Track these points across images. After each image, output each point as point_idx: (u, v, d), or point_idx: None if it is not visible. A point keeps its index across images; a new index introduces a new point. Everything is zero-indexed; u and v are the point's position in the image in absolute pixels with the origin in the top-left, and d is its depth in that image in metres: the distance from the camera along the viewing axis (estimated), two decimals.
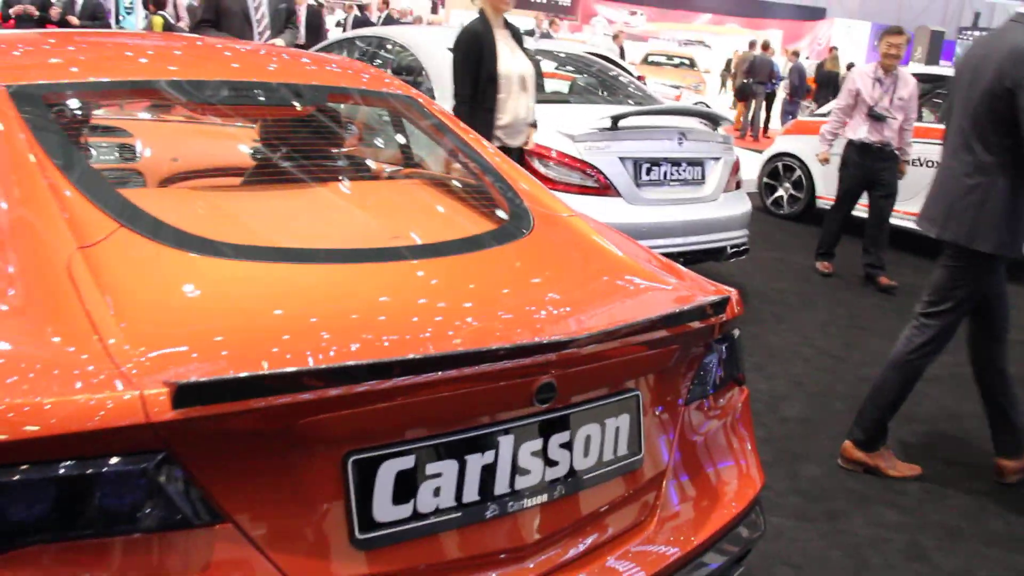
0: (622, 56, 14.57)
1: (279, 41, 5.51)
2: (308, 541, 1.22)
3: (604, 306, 1.64)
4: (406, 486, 1.27)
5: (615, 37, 16.04)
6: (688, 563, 1.64)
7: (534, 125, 4.31)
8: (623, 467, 1.54)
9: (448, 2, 28.05)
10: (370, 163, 2.51)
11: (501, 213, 1.98)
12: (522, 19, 24.71)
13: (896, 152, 5.86)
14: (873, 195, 5.98)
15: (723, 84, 19.28)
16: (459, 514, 1.32)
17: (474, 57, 4.02)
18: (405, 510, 1.27)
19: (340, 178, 2.20)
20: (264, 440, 1.17)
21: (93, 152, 1.91)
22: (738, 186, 5.17)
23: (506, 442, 1.35)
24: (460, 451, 1.31)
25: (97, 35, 2.71)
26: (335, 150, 2.36)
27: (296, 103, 2.26)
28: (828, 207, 7.19)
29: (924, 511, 3.05)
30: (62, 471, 1.09)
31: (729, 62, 18.64)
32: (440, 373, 1.23)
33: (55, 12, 9.47)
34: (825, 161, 6.17)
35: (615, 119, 4.49)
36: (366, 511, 1.24)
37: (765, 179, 8.23)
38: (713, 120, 5.08)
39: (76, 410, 1.08)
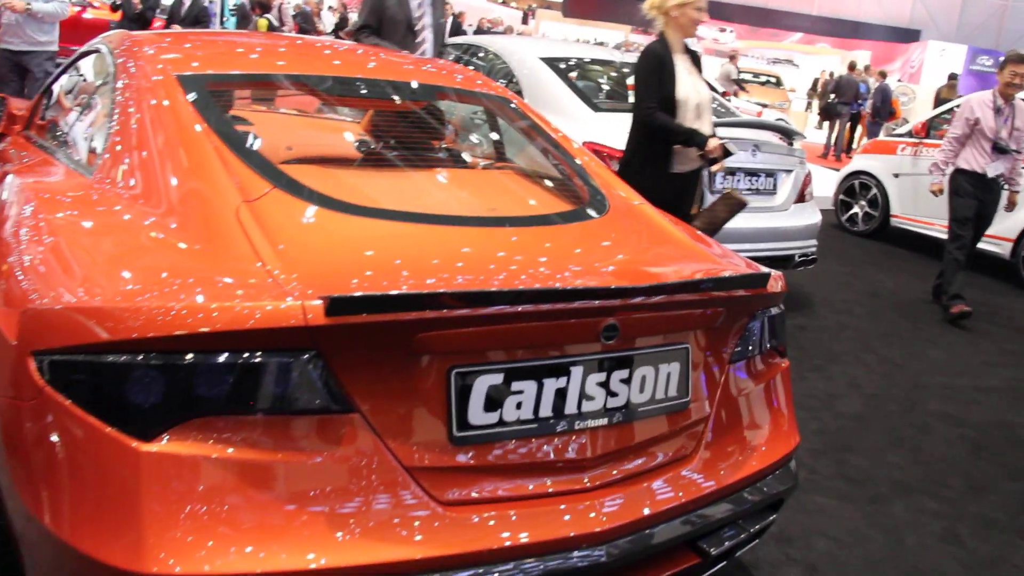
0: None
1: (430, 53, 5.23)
2: (417, 434, 1.56)
3: (662, 268, 1.96)
4: (495, 398, 1.60)
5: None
6: (724, 497, 1.93)
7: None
8: (671, 407, 1.85)
9: (538, 14, 28.59)
10: (468, 152, 2.88)
11: (581, 197, 2.32)
12: (610, 33, 25.02)
13: (1005, 184, 5.62)
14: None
15: (808, 104, 19.26)
16: (535, 425, 1.65)
17: (655, 79, 3.87)
18: (493, 417, 1.61)
19: (443, 163, 2.58)
20: (390, 349, 1.52)
21: (243, 129, 2.31)
22: (809, 199, 5.38)
23: (576, 372, 1.67)
24: (539, 374, 1.64)
25: (245, 35, 3.15)
26: (439, 141, 2.74)
27: (411, 98, 2.65)
28: (904, 226, 7.30)
29: (963, 503, 3.25)
30: (238, 359, 1.45)
31: (816, 82, 18.59)
32: (525, 306, 1.56)
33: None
34: (938, 192, 5.74)
35: None
36: (463, 415, 1.58)
37: (841, 196, 8.36)
38: (788, 135, 5.31)
39: (253, 313, 1.45)
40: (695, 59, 4.10)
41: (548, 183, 2.57)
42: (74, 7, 14.12)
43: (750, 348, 2.06)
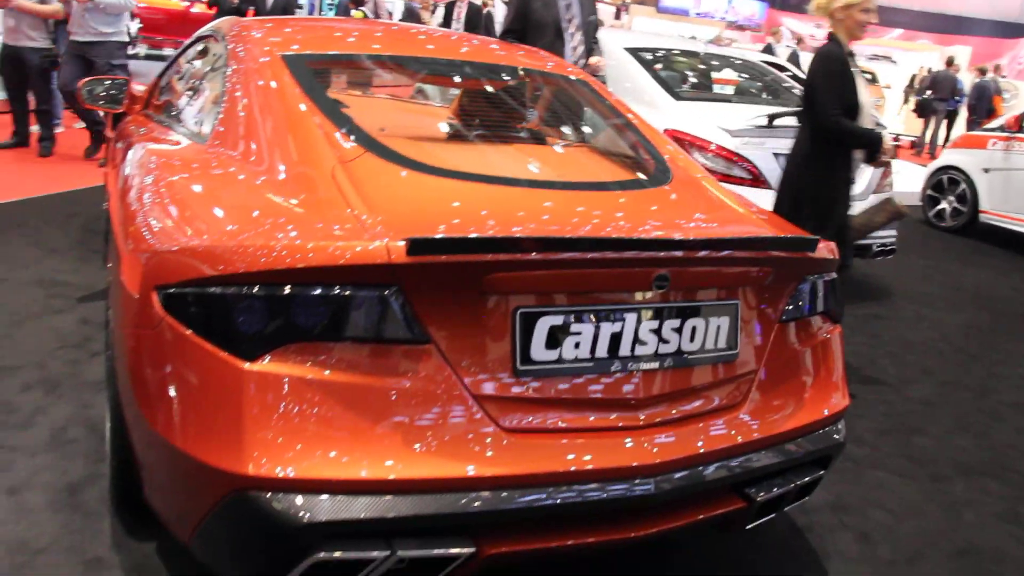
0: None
1: (593, 60, 5.01)
2: (485, 366, 1.76)
3: (712, 227, 2.11)
4: (555, 337, 1.79)
5: (799, 42, 16.15)
6: (770, 446, 2.07)
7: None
8: (721, 357, 2.00)
9: (632, 9, 28.53)
10: (547, 128, 3.08)
11: (647, 169, 2.49)
12: (702, 29, 24.83)
13: None
14: None
15: (905, 100, 18.76)
16: (591, 364, 1.82)
17: (839, 83, 3.66)
18: (553, 354, 1.79)
19: (523, 139, 2.78)
20: (462, 288, 1.72)
21: (340, 101, 2.56)
22: (888, 189, 5.38)
23: (630, 318, 1.84)
24: (596, 318, 1.81)
25: (340, 21, 3.42)
26: (520, 119, 2.95)
27: (496, 79, 2.88)
28: (994, 222, 7.16)
29: None
30: (329, 292, 1.67)
31: (913, 78, 18.10)
32: (584, 253, 1.74)
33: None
34: None
35: (771, 117, 4.85)
36: (526, 351, 1.77)
37: (929, 192, 8.23)
38: None
39: (344, 252, 1.66)
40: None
41: (617, 156, 2.75)
42: (183, 2, 14.89)
43: (800, 310, 2.19)
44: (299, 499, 1.63)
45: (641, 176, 2.47)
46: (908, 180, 9.04)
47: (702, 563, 2.52)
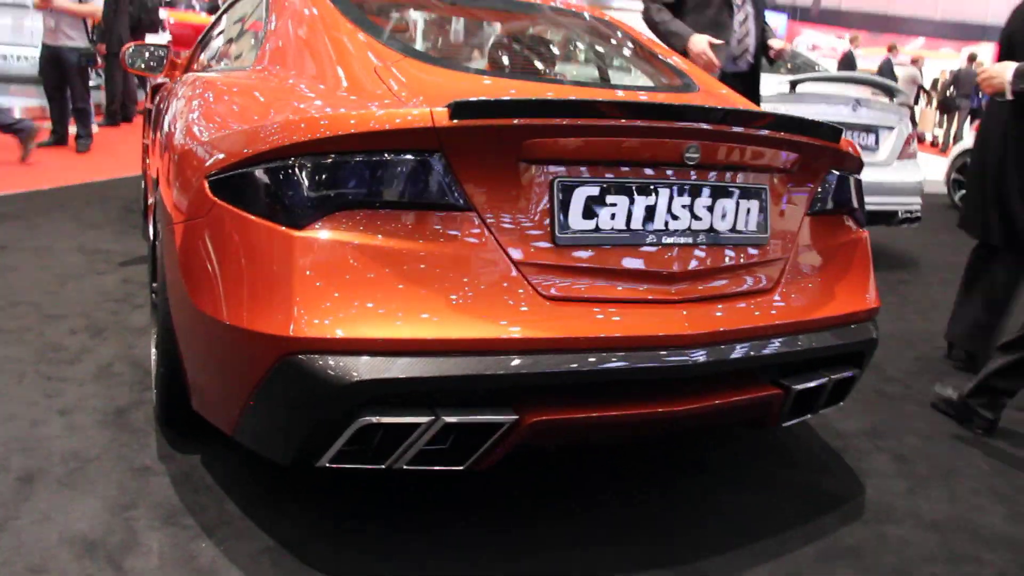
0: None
1: (777, 43, 4.27)
2: (525, 234, 1.81)
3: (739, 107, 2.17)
4: (592, 208, 1.84)
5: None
6: (804, 332, 2.11)
7: None
8: (752, 239, 2.04)
9: None
10: (584, 53, 3.19)
11: (676, 82, 2.56)
12: None
13: None
14: None
15: (928, 101, 18.75)
16: (627, 235, 1.87)
17: None
18: (590, 224, 1.84)
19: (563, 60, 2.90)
20: (502, 154, 1.77)
21: (382, 23, 2.66)
22: (912, 156, 5.40)
23: (663, 192, 1.89)
24: (630, 191, 1.86)
25: None
26: (554, 48, 3.06)
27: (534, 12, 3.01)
28: None
29: None
30: (374, 159, 1.74)
31: (935, 82, 18.09)
32: (617, 120, 1.80)
33: None
34: None
35: (793, 83, 4.90)
36: (564, 220, 1.82)
37: (954, 175, 8.22)
38: (889, 91, 5.36)
39: (389, 118, 1.74)
40: None
41: (648, 72, 2.82)
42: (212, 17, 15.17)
43: (827, 204, 2.23)
44: (347, 360, 1.69)
45: (669, 83, 2.54)
46: (933, 170, 9.03)
47: (735, 483, 2.54)
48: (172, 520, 2.08)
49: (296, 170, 1.76)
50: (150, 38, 8.96)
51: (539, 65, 2.74)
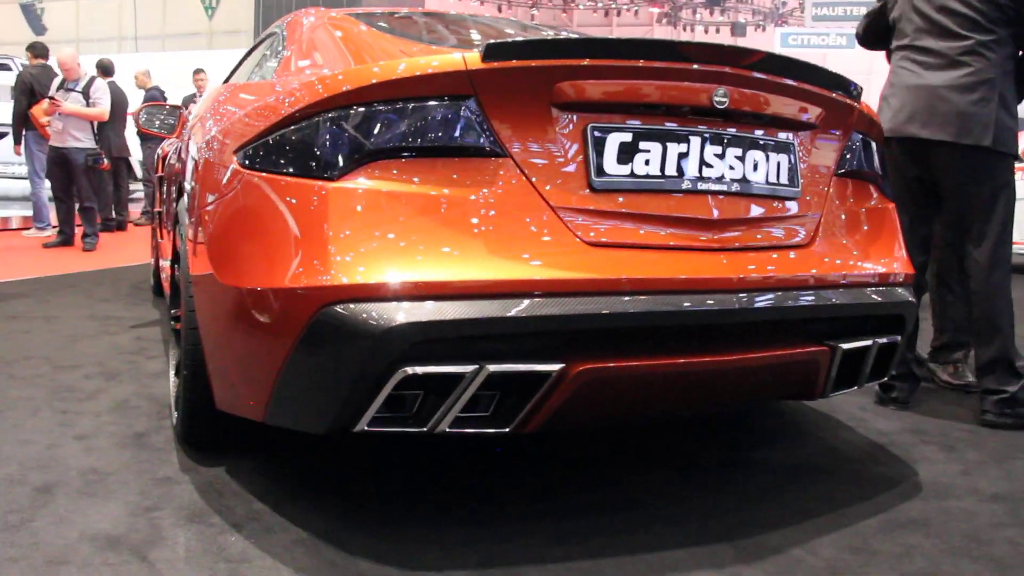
0: None
1: None
2: (561, 179, 1.78)
3: None
4: (627, 153, 1.82)
5: None
6: (844, 287, 2.05)
7: None
8: (784, 193, 2.01)
9: None
10: None
11: None
12: None
13: None
14: None
15: None
16: (662, 180, 1.85)
17: None
18: (625, 169, 1.82)
19: None
20: (535, 99, 1.76)
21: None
22: None
23: (695, 141, 1.87)
24: (663, 137, 1.84)
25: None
26: None
27: None
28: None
29: None
30: (408, 106, 1.73)
31: None
32: (649, 60, 1.79)
33: None
34: None
35: None
36: (600, 166, 1.80)
37: None
38: None
39: (421, 64, 1.74)
40: None
41: None
42: None
43: (853, 165, 2.21)
44: (387, 305, 1.64)
45: None
46: None
47: (788, 474, 2.44)
48: (198, 519, 1.97)
49: (325, 125, 1.76)
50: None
51: None
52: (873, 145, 2.30)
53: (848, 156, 2.20)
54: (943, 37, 2.91)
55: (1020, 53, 2.96)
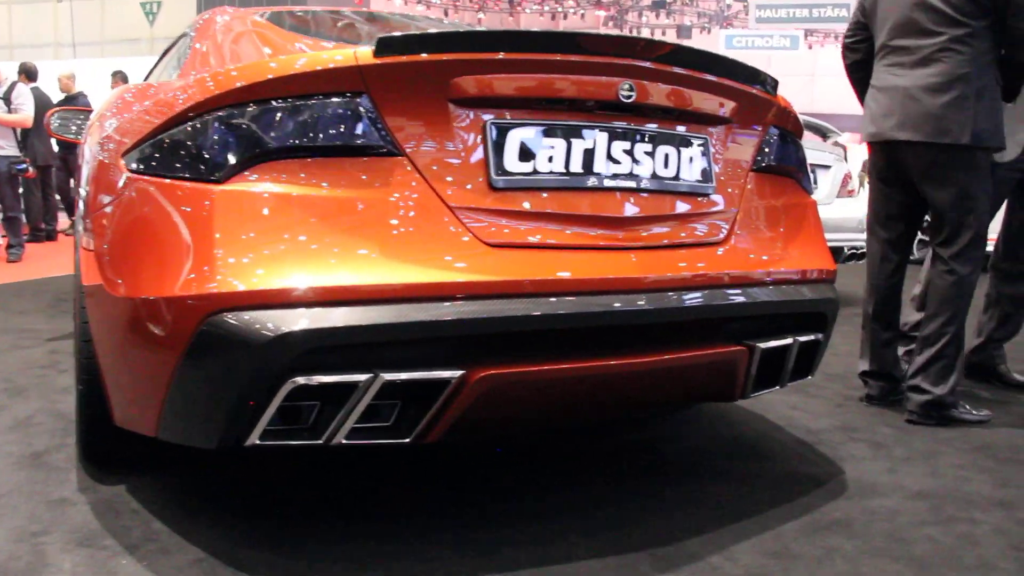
0: None
1: None
2: (459, 178, 1.70)
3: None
4: (529, 151, 1.75)
5: None
6: (761, 284, 2.01)
7: None
8: (697, 188, 1.95)
9: None
10: None
11: None
12: None
13: None
14: None
15: (861, 184, 19.57)
16: (567, 178, 1.77)
17: None
18: (527, 167, 1.74)
19: None
20: (431, 95, 1.68)
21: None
22: (855, 195, 5.48)
23: (602, 135, 1.81)
24: (567, 133, 1.77)
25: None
26: None
27: None
28: None
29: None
30: (296, 105, 1.64)
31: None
32: (549, 53, 1.72)
33: None
34: None
35: None
36: (500, 164, 1.72)
37: None
38: (821, 132, 5.47)
39: (310, 59, 1.65)
40: None
41: None
42: None
43: (771, 162, 2.16)
44: (274, 313, 1.55)
45: None
46: None
47: (710, 476, 2.39)
48: (89, 543, 1.85)
49: (212, 125, 1.66)
50: None
51: None
52: (791, 139, 2.26)
53: (766, 151, 2.16)
54: (916, 35, 2.85)
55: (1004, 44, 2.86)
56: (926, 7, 2.82)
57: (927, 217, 3.08)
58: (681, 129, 1.94)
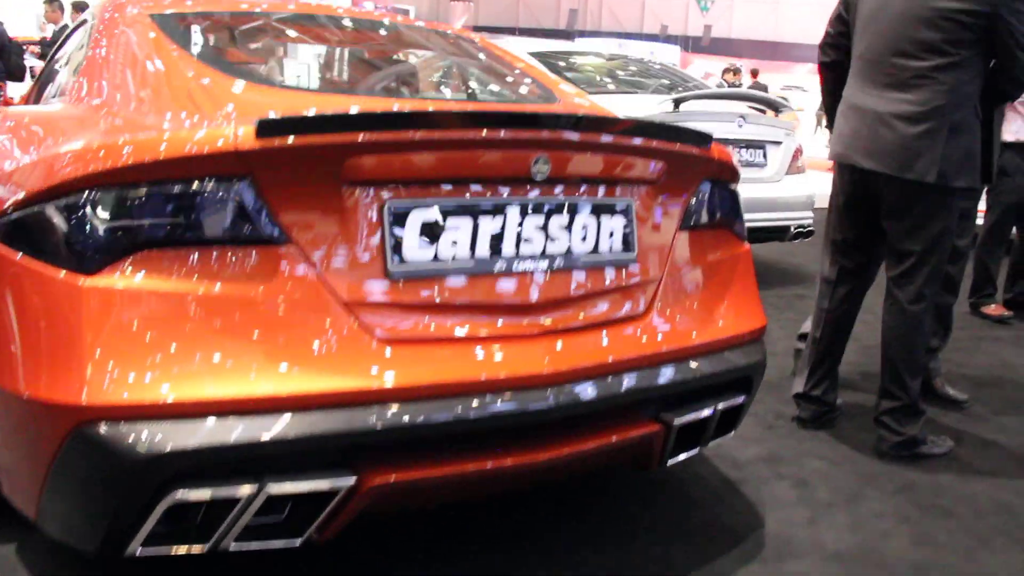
0: None
1: None
2: (354, 268, 1.57)
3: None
4: (430, 235, 1.61)
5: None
6: (681, 360, 1.91)
7: None
8: (618, 261, 1.84)
9: None
10: (429, 74, 2.95)
11: (532, 94, 2.36)
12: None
13: None
14: None
15: (818, 122, 19.46)
16: (472, 264, 1.65)
17: None
18: (428, 253, 1.61)
19: (403, 84, 2.65)
20: (322, 177, 1.53)
21: (210, 44, 2.39)
22: (801, 171, 5.39)
23: (513, 212, 1.68)
24: (474, 212, 1.64)
25: None
26: (398, 68, 2.82)
27: (373, 31, 2.75)
28: None
29: (963, 427, 3.19)
30: (172, 190, 1.48)
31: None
32: (450, 132, 1.58)
33: None
34: None
35: (676, 102, 4.81)
36: (398, 250, 1.59)
37: None
38: (773, 107, 5.34)
39: (185, 140, 1.48)
40: None
41: (502, 85, 2.62)
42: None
43: (701, 217, 2.05)
44: (149, 427, 1.42)
45: (526, 95, 2.32)
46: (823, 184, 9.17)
47: (620, 531, 2.32)
48: None
49: (84, 206, 1.49)
50: (13, 87, 8.39)
51: (380, 81, 2.50)
52: (726, 189, 2.13)
53: (697, 207, 2.04)
54: (898, 55, 2.66)
55: (992, 69, 2.69)
56: (916, 27, 2.62)
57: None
58: (602, 195, 1.81)
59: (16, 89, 8.16)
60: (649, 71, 6.34)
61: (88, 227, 1.48)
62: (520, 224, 1.69)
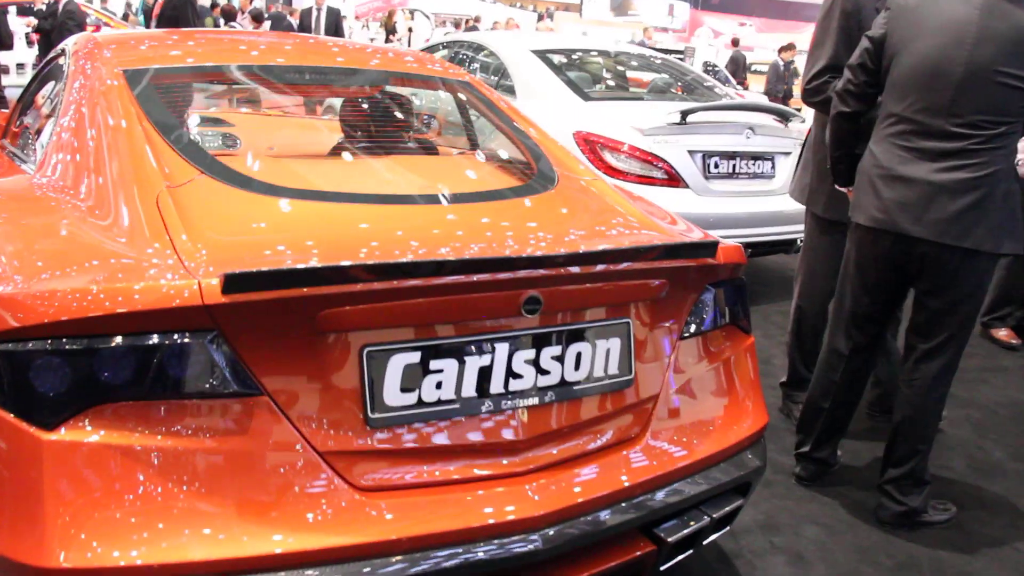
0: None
1: None
2: (330, 417, 1.49)
3: (594, 239, 1.86)
4: (413, 377, 1.53)
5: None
6: (676, 480, 1.84)
7: None
8: (613, 385, 1.76)
9: (556, 16, 28.59)
10: (425, 136, 2.82)
11: (528, 174, 2.23)
12: (625, 31, 24.96)
13: None
14: None
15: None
16: (457, 406, 1.57)
17: None
18: (411, 398, 1.53)
19: (389, 147, 2.52)
20: (295, 327, 1.45)
21: (189, 121, 2.26)
22: None
23: (502, 348, 1.59)
24: (460, 352, 1.56)
25: (213, 32, 3.11)
26: (389, 124, 2.69)
27: (365, 84, 2.60)
28: None
29: (965, 483, 3.12)
30: (136, 343, 1.40)
31: None
32: (433, 279, 1.48)
33: None
34: None
35: (684, 114, 4.66)
36: (378, 396, 1.51)
37: None
38: (783, 116, 5.18)
39: (149, 294, 1.39)
40: None
41: (495, 163, 2.49)
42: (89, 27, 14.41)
43: (704, 324, 1.96)
44: None
45: (517, 184, 2.20)
46: None
47: None
48: None
49: (44, 356, 1.40)
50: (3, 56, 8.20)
51: (369, 167, 2.34)
52: (731, 290, 2.03)
53: (696, 314, 1.94)
54: (958, 122, 2.44)
55: None
56: (983, 94, 2.42)
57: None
58: (597, 321, 1.72)
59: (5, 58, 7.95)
60: (651, 66, 6.18)
61: (48, 380, 1.39)
62: (509, 360, 1.60)
